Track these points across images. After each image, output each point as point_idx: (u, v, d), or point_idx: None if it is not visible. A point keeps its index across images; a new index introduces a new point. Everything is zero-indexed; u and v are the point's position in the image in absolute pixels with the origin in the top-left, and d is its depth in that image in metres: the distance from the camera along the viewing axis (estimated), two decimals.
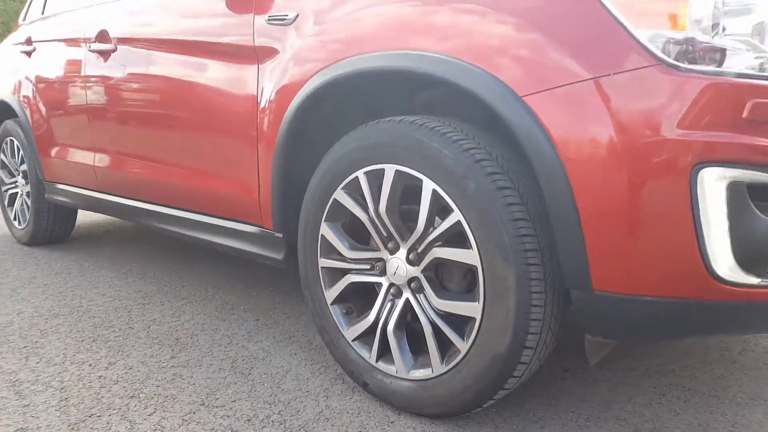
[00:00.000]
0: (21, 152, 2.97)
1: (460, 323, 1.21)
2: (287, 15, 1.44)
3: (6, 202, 3.21)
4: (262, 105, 1.53)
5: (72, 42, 2.37)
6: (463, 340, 1.19)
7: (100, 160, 2.28)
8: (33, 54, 2.74)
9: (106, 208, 2.40)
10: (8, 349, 1.73)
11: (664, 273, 0.99)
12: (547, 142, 1.01)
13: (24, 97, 2.82)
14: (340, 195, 1.37)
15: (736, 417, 1.32)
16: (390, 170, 1.25)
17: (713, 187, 0.94)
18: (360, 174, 1.31)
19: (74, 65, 2.35)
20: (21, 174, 3.05)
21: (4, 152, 3.16)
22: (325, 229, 1.41)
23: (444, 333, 1.23)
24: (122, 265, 2.63)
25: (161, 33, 1.89)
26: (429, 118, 1.22)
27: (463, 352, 1.19)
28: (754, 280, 0.97)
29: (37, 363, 1.63)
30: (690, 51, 0.95)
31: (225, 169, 1.69)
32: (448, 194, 1.16)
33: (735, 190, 0.94)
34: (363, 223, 1.34)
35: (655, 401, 1.39)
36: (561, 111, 1.00)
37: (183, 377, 1.52)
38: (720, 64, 0.95)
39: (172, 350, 1.70)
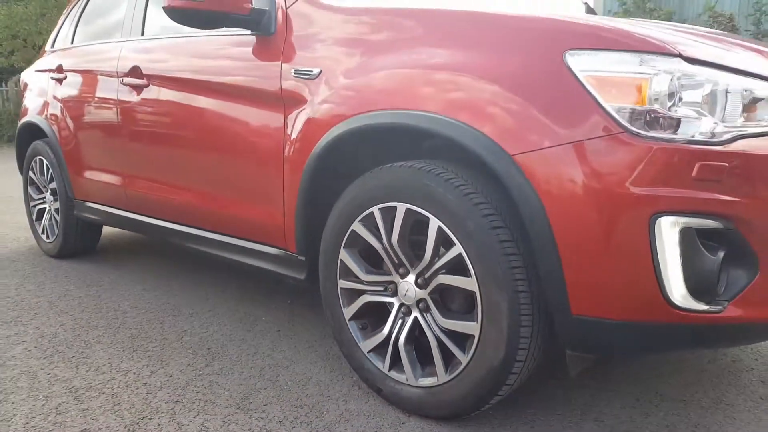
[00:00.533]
0: (50, 171, 3.18)
1: (461, 339, 1.42)
2: (312, 71, 1.65)
3: (34, 217, 3.43)
4: (287, 146, 1.74)
5: (104, 74, 2.58)
6: (464, 353, 1.40)
7: (132, 183, 2.49)
8: (64, 81, 2.95)
9: (136, 227, 2.61)
10: (60, 358, 1.94)
11: (629, 300, 1.20)
12: (532, 192, 1.23)
13: (54, 120, 3.03)
14: (358, 227, 1.58)
15: (699, 419, 1.54)
16: (401, 208, 1.47)
17: (668, 231, 1.15)
18: (375, 210, 1.53)
19: (107, 96, 2.56)
20: (49, 191, 3.26)
21: (32, 170, 3.37)
22: (344, 255, 1.63)
23: (447, 347, 1.44)
24: (147, 277, 2.85)
25: (192, 73, 2.10)
26: (435, 164, 1.43)
27: (463, 364, 1.40)
28: (703, 307, 1.19)
29: (87, 371, 1.84)
30: (650, 121, 1.16)
31: (253, 199, 1.90)
32: (451, 231, 1.37)
33: (686, 234, 1.15)
34: (377, 250, 1.56)
35: (629, 405, 1.60)
36: (543, 168, 1.21)
37: (219, 384, 1.74)
38: (675, 131, 1.16)
39: (206, 359, 1.91)
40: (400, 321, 1.56)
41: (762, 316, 1.23)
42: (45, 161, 3.21)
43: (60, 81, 2.99)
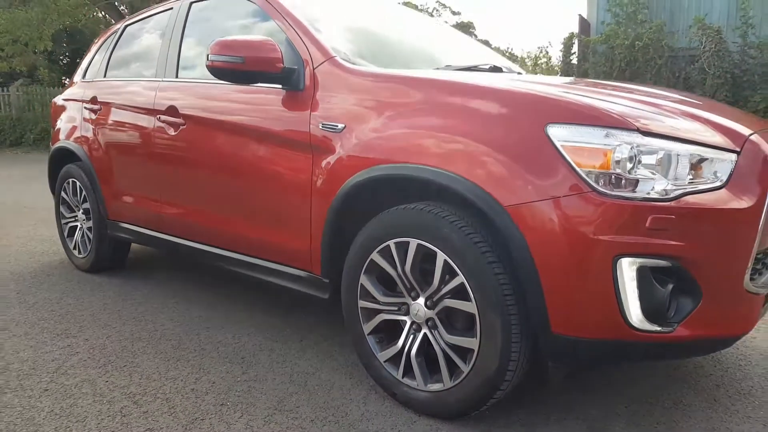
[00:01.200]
0: (83, 192, 3.47)
1: (463, 352, 1.73)
2: (337, 125, 1.96)
3: (66, 234, 3.71)
4: (314, 185, 2.04)
5: (141, 110, 2.87)
6: (466, 363, 1.71)
7: (167, 208, 2.78)
8: (99, 112, 3.24)
9: (169, 247, 2.90)
10: (113, 367, 2.23)
11: (597, 322, 1.51)
12: (520, 235, 1.53)
13: (89, 146, 3.32)
14: (376, 256, 1.88)
15: (661, 417, 1.84)
16: (413, 243, 1.77)
17: (627, 269, 1.46)
18: (391, 243, 1.83)
19: (143, 130, 2.85)
20: (82, 211, 3.54)
21: (65, 191, 3.65)
22: (364, 280, 1.93)
23: (452, 358, 1.74)
24: (176, 291, 3.14)
25: (228, 116, 2.39)
26: (442, 207, 1.73)
27: (465, 372, 1.71)
28: (656, 328, 1.49)
29: (140, 379, 2.14)
30: (613, 182, 1.47)
31: (283, 228, 2.20)
32: (454, 264, 1.67)
33: (641, 271, 1.46)
34: (392, 277, 1.86)
35: (604, 406, 1.91)
36: (529, 217, 1.51)
37: (256, 389, 2.04)
38: (634, 189, 1.47)
39: (242, 367, 2.21)
40: (411, 336, 1.86)
41: (705, 335, 1.54)
42: (78, 183, 3.49)
43: (94, 111, 3.28)
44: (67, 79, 24.78)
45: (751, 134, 1.63)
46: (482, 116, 1.66)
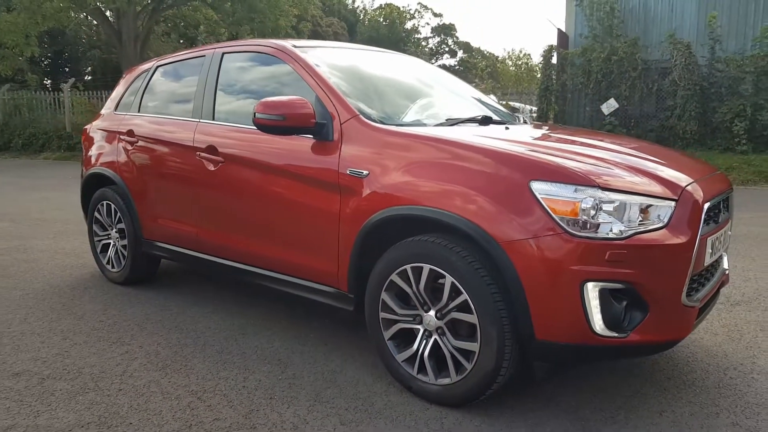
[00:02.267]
0: (118, 214, 3.87)
1: (466, 353, 2.20)
2: (363, 172, 2.41)
3: (99, 250, 4.11)
4: (342, 218, 2.49)
5: (180, 146, 3.28)
6: (469, 362, 2.18)
7: (205, 231, 3.21)
8: (136, 144, 3.65)
9: (205, 266, 3.32)
10: (171, 370, 2.66)
11: (569, 330, 1.99)
12: (511, 264, 2.01)
13: (126, 174, 3.72)
14: (395, 277, 2.35)
15: (622, 404, 2.33)
16: (426, 268, 2.24)
17: (592, 290, 1.94)
18: (408, 267, 2.30)
19: (182, 164, 3.27)
20: (116, 230, 3.94)
21: (98, 211, 4.05)
22: (384, 296, 2.40)
23: (458, 358, 2.22)
24: (207, 301, 3.57)
25: (264, 157, 2.82)
26: (449, 240, 2.19)
27: (468, 369, 2.18)
28: (614, 334, 1.98)
29: (197, 379, 2.57)
30: (581, 225, 1.95)
31: (314, 252, 2.64)
32: (460, 285, 2.14)
33: (602, 292, 1.95)
34: (408, 293, 2.33)
35: (579, 394, 2.39)
36: (517, 250, 1.99)
37: (296, 385, 2.49)
38: (596, 231, 1.95)
39: (280, 368, 2.66)
40: (424, 341, 2.33)
41: (651, 339, 2.04)
42: (113, 205, 3.89)
43: (131, 143, 3.69)
44: (49, 81, 24.83)
45: (687, 185, 2.13)
46: (480, 172, 2.14)
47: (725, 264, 2.60)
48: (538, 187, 2.00)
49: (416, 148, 2.35)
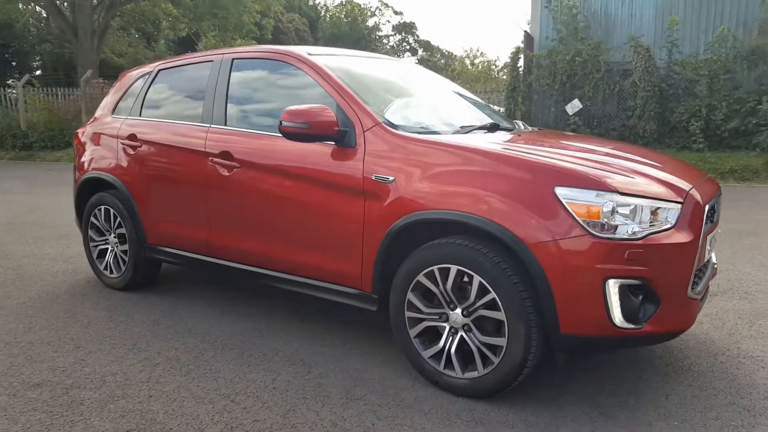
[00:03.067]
0: (118, 219, 3.84)
1: (494, 347, 2.35)
2: (389, 178, 2.53)
3: (95, 255, 4.07)
4: (366, 223, 2.60)
5: (191, 151, 3.29)
6: (496, 356, 2.33)
7: (218, 235, 3.25)
8: (139, 149, 3.65)
9: (216, 269, 3.36)
10: (197, 374, 2.71)
11: (591, 323, 2.17)
12: (537, 263, 2.17)
13: (127, 178, 3.71)
14: (422, 278, 2.47)
15: (632, 388, 2.52)
16: (454, 269, 2.37)
17: (613, 286, 2.12)
18: (435, 268, 2.43)
19: (192, 168, 3.29)
20: (115, 235, 3.92)
21: (95, 216, 4.01)
22: (410, 296, 2.52)
23: (485, 353, 2.36)
24: (212, 305, 3.61)
25: (285, 162, 2.89)
26: (476, 242, 2.34)
27: (495, 363, 2.33)
28: (631, 326, 2.17)
29: (225, 382, 2.63)
30: (602, 227, 2.12)
31: (338, 255, 2.73)
32: (488, 284, 2.29)
33: (621, 288, 2.13)
34: (434, 293, 2.46)
35: (591, 383, 2.58)
36: (545, 251, 2.15)
37: (325, 384, 2.59)
38: (615, 232, 2.13)
39: (305, 368, 2.74)
40: (450, 338, 2.46)
41: (663, 329, 2.24)
42: (112, 210, 3.86)
43: (133, 147, 3.68)
44: None
45: (690, 188, 2.34)
46: (507, 178, 2.29)
47: (714, 259, 2.84)
48: (562, 193, 2.17)
49: (443, 156, 2.48)
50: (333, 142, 2.72)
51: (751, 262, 4.52)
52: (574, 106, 11.55)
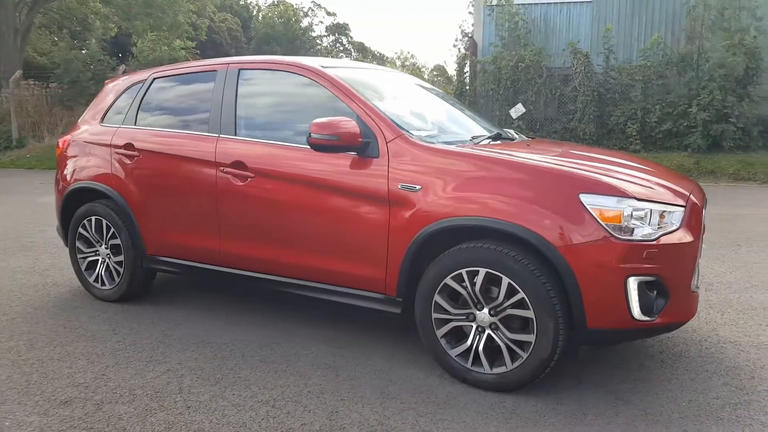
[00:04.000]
0: (111, 229, 3.75)
1: (521, 344, 2.54)
2: (416, 187, 2.67)
3: (83, 267, 3.95)
4: (392, 230, 2.73)
5: (198, 161, 3.29)
6: (525, 352, 2.52)
7: (229, 245, 3.26)
8: (137, 159, 3.58)
9: (225, 278, 3.37)
10: (226, 383, 2.73)
11: (615, 317, 2.40)
12: (567, 265, 2.38)
13: (124, 188, 3.63)
14: (449, 281, 2.63)
15: (637, 375, 2.79)
16: (482, 271, 2.55)
17: (632, 283, 2.36)
18: (463, 271, 2.59)
19: (200, 178, 3.28)
20: (107, 246, 3.81)
21: (84, 227, 3.89)
22: (437, 298, 2.67)
23: (513, 349, 2.55)
24: (216, 313, 3.61)
25: (298, 171, 2.96)
26: (504, 245, 2.52)
27: (524, 358, 2.52)
28: (647, 318, 2.42)
29: (259, 389, 2.68)
30: (622, 230, 2.36)
31: (362, 261, 2.84)
32: (516, 285, 2.48)
33: (640, 285, 2.38)
34: (461, 294, 2.62)
35: (601, 372, 2.83)
36: (573, 253, 2.36)
37: (357, 385, 2.69)
38: (632, 234, 2.38)
39: (333, 371, 2.83)
40: (478, 336, 2.64)
41: (672, 321, 2.52)
42: (104, 221, 3.77)
43: (130, 157, 3.61)
44: None
45: (690, 193, 2.64)
46: (533, 186, 2.49)
47: None
48: (587, 199, 2.39)
49: (468, 165, 2.65)
50: (355, 153, 2.82)
51: (707, 256, 5.00)
52: (518, 110, 12.08)
